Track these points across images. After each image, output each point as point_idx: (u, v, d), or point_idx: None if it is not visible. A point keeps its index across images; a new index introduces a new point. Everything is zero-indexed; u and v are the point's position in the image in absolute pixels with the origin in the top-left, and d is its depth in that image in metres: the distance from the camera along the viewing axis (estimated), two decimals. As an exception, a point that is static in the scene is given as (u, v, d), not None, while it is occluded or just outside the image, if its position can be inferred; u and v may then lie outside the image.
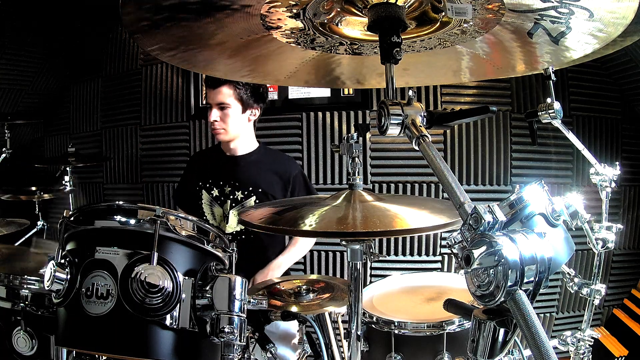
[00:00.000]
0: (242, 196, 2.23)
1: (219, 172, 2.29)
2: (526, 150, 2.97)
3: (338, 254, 3.17)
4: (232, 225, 2.23)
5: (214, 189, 2.27)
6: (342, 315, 1.82)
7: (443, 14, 1.08)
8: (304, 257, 3.19)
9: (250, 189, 2.23)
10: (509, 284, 0.63)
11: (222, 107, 2.16)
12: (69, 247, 1.22)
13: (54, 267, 1.13)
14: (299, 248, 2.33)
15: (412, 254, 3.08)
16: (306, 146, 3.16)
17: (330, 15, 1.11)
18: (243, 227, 2.23)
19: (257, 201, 2.22)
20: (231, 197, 2.24)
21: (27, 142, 4.22)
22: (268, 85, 3.16)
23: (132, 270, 1.11)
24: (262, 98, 2.26)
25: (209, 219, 2.28)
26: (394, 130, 0.92)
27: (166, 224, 1.17)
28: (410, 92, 0.98)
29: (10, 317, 1.58)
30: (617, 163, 1.50)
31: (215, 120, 2.17)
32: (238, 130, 2.24)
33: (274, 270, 2.19)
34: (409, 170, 3.05)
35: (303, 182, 2.33)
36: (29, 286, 1.59)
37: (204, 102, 2.25)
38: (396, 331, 1.51)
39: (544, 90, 1.39)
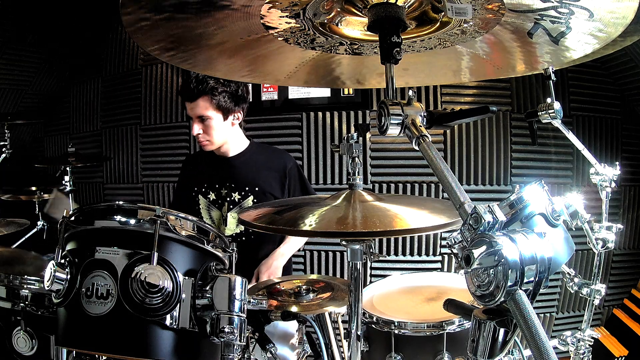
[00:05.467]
0: (239, 197, 2.22)
1: (214, 175, 2.27)
2: (526, 150, 2.97)
3: (338, 254, 3.17)
4: (231, 227, 2.23)
5: (211, 192, 2.26)
6: (342, 315, 1.82)
7: (443, 14, 1.08)
8: (304, 257, 3.20)
9: (247, 189, 2.22)
10: (509, 284, 0.63)
11: (202, 119, 2.12)
12: (69, 247, 1.22)
13: (54, 267, 1.13)
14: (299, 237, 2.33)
15: (412, 254, 3.08)
16: (306, 146, 3.16)
17: (330, 15, 1.11)
18: (242, 229, 2.22)
19: (254, 200, 2.21)
20: (228, 199, 2.23)
21: (27, 142, 4.23)
22: (268, 85, 3.18)
23: (132, 270, 1.11)
24: (242, 99, 2.20)
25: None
26: (394, 130, 0.92)
27: (166, 224, 1.16)
28: (410, 92, 0.98)
29: (10, 317, 1.58)
30: (617, 163, 1.50)
31: (198, 134, 2.13)
32: (224, 137, 2.20)
33: (278, 260, 2.18)
34: (409, 170, 3.05)
35: (298, 174, 2.32)
36: (29, 286, 1.59)
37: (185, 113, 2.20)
38: (396, 331, 1.51)
39: (544, 90, 1.39)
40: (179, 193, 2.49)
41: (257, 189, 2.21)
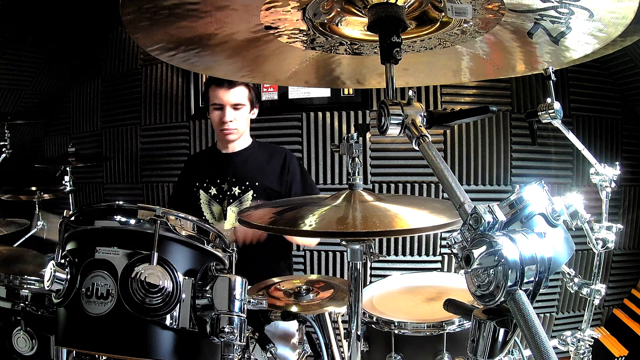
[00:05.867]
0: (239, 191, 2.24)
1: (216, 171, 2.30)
2: (526, 150, 2.97)
3: (338, 254, 3.17)
4: (231, 221, 2.24)
5: (212, 187, 2.28)
6: (342, 315, 1.82)
7: (443, 14, 1.08)
8: (304, 257, 3.20)
9: (247, 183, 2.24)
10: (509, 284, 0.63)
11: (237, 107, 2.19)
12: (69, 247, 1.22)
13: (54, 267, 1.13)
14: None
15: (412, 254, 3.08)
16: (306, 146, 3.16)
17: (330, 15, 1.11)
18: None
19: (254, 195, 2.23)
20: (229, 193, 2.25)
21: (27, 142, 4.22)
22: (268, 85, 3.18)
23: (132, 270, 1.11)
24: (260, 97, 2.35)
25: (208, 218, 2.28)
26: (394, 130, 0.92)
27: (166, 224, 1.16)
28: (410, 92, 0.98)
29: (10, 317, 1.58)
30: (617, 163, 1.50)
31: (230, 121, 2.19)
32: (245, 128, 2.30)
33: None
34: (409, 170, 3.05)
35: (298, 168, 2.34)
36: (29, 286, 1.59)
37: (212, 102, 2.23)
38: (396, 331, 1.51)
39: (544, 90, 1.39)
40: (178, 190, 2.51)
41: (257, 184, 2.24)
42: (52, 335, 1.56)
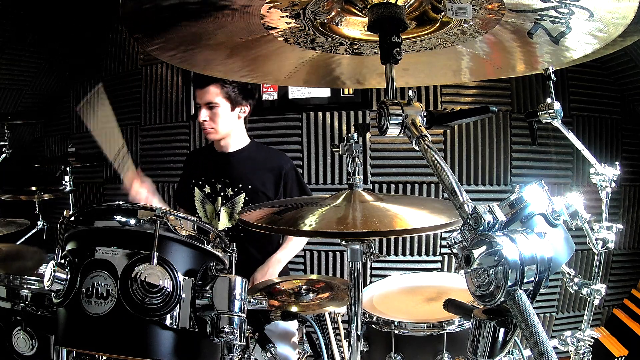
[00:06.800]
0: (232, 193, 2.23)
1: (211, 170, 2.30)
2: (526, 150, 2.97)
3: (338, 254, 3.17)
4: (224, 222, 2.24)
5: (206, 186, 2.28)
6: (342, 315, 1.82)
7: (443, 14, 1.08)
8: (304, 257, 3.20)
9: (240, 185, 2.23)
10: (509, 284, 0.63)
11: (210, 106, 2.16)
12: (69, 247, 1.22)
13: (54, 267, 1.13)
14: (296, 242, 2.33)
15: (412, 254, 3.08)
16: (306, 146, 3.16)
17: (330, 15, 1.11)
18: (234, 224, 2.23)
19: (246, 198, 2.22)
20: (222, 194, 2.24)
21: (27, 142, 4.23)
22: (268, 85, 3.18)
23: (132, 270, 1.11)
24: (251, 95, 2.25)
25: (201, 216, 2.29)
26: (394, 130, 0.92)
27: (166, 224, 1.16)
28: (410, 92, 0.98)
29: (10, 317, 1.58)
30: (617, 163, 1.50)
31: (205, 120, 2.17)
32: (228, 128, 2.24)
33: (274, 267, 2.19)
34: (409, 170, 3.05)
35: (295, 176, 2.32)
36: (29, 286, 1.59)
37: (194, 102, 2.27)
38: (396, 331, 1.51)
39: (544, 90, 1.39)
40: (180, 184, 2.51)
41: (250, 186, 2.22)
42: (52, 335, 1.56)
